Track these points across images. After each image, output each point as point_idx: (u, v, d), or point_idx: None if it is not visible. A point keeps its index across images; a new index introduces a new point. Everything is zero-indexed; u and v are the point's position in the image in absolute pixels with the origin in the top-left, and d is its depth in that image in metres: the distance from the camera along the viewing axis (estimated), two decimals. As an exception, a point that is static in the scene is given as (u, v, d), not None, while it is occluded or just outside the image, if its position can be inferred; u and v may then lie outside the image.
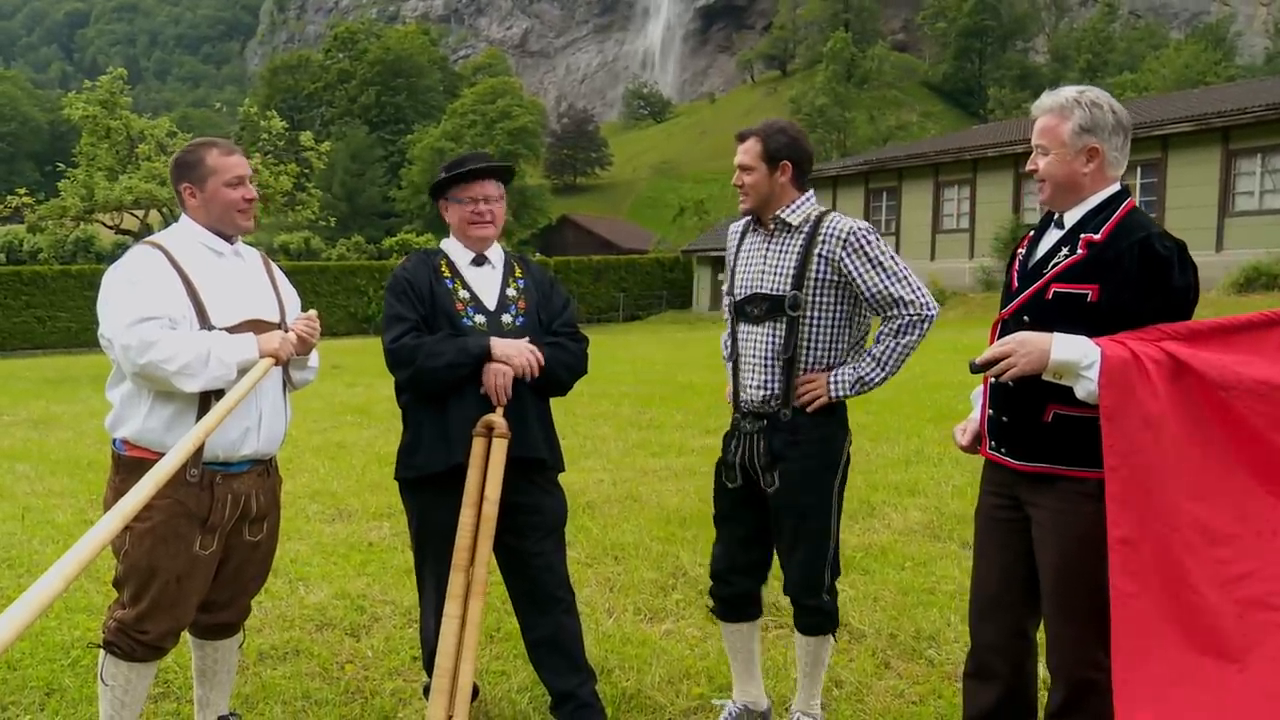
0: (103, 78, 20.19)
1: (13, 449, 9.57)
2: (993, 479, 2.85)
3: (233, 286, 3.01)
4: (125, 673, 2.97)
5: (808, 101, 76.04)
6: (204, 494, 2.90)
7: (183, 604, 2.96)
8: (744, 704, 3.47)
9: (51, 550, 5.67)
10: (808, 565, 3.24)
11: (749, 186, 3.23)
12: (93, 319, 12.33)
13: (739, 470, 3.30)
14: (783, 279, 3.19)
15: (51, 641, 4.19)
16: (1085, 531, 2.54)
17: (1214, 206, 24.35)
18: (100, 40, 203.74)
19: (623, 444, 9.17)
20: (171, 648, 3.06)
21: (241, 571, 3.14)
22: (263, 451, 3.04)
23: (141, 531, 2.86)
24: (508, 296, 3.33)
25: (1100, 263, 2.54)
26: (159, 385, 2.83)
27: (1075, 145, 2.58)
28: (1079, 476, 2.57)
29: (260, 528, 3.12)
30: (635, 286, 43.70)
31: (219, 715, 3.32)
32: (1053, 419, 2.60)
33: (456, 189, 3.32)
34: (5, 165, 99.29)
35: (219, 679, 3.30)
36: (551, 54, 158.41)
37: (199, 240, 3.03)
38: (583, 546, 5.63)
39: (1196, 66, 60.13)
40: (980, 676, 2.89)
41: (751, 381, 3.24)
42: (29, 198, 20.66)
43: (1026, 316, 2.65)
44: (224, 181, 3.00)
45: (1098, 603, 2.50)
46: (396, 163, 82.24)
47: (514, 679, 3.82)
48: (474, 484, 3.07)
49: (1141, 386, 2.36)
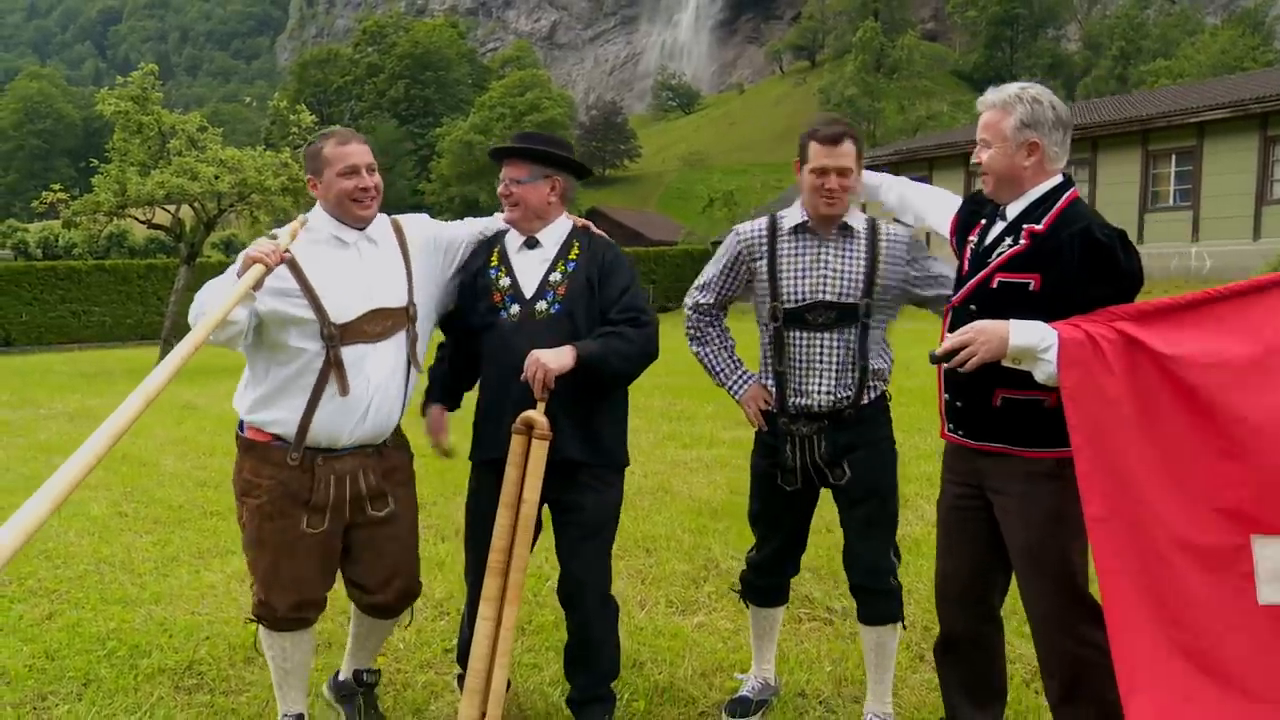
0: (134, 74, 20.31)
1: (49, 442, 9.69)
2: (954, 466, 2.95)
3: (355, 278, 3.04)
4: (279, 642, 3.15)
5: (837, 92, 75.52)
6: (305, 475, 3.00)
7: (301, 578, 3.06)
8: (763, 678, 3.57)
9: (87, 542, 5.74)
10: (879, 549, 3.26)
11: (848, 191, 3.11)
12: (126, 313, 12.57)
13: (799, 474, 3.26)
14: (853, 287, 3.13)
15: (88, 633, 4.23)
16: (1050, 509, 2.67)
17: (1251, 194, 23.91)
18: (132, 37, 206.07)
19: (653, 436, 9.15)
20: (314, 618, 3.18)
21: (382, 550, 3.17)
22: (367, 438, 3.07)
23: (252, 508, 3.03)
24: (549, 282, 3.18)
25: (1041, 253, 2.64)
26: (223, 342, 2.90)
27: (1016, 140, 2.69)
28: (1034, 457, 2.70)
29: (384, 503, 3.12)
30: (665, 278, 43.60)
31: (357, 668, 3.45)
32: (1001, 403, 2.72)
33: (502, 168, 3.25)
34: (41, 162, 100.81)
35: (369, 643, 3.43)
36: (579, 46, 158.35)
37: (328, 230, 3.08)
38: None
39: (1233, 52, 59.02)
40: (954, 655, 3.03)
41: (820, 388, 3.17)
42: (64, 194, 20.85)
43: (974, 305, 2.76)
44: (337, 171, 3.02)
45: (1073, 579, 2.66)
46: (425, 155, 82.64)
47: (546, 671, 3.81)
48: (512, 484, 2.98)
49: (1098, 365, 2.46)
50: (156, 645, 4.10)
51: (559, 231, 3.28)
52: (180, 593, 4.81)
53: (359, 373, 2.99)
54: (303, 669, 3.22)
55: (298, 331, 2.96)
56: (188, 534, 5.95)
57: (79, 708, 3.55)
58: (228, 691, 3.70)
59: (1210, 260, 23.88)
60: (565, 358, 2.97)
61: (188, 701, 3.62)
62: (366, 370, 3.01)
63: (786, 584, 3.57)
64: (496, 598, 2.98)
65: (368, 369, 3.01)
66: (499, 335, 3.16)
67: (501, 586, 2.98)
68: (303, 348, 2.96)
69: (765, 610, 3.55)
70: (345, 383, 2.97)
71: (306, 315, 2.95)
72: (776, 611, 3.58)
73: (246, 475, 3.05)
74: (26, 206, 63.58)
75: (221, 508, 6.58)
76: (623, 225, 63.76)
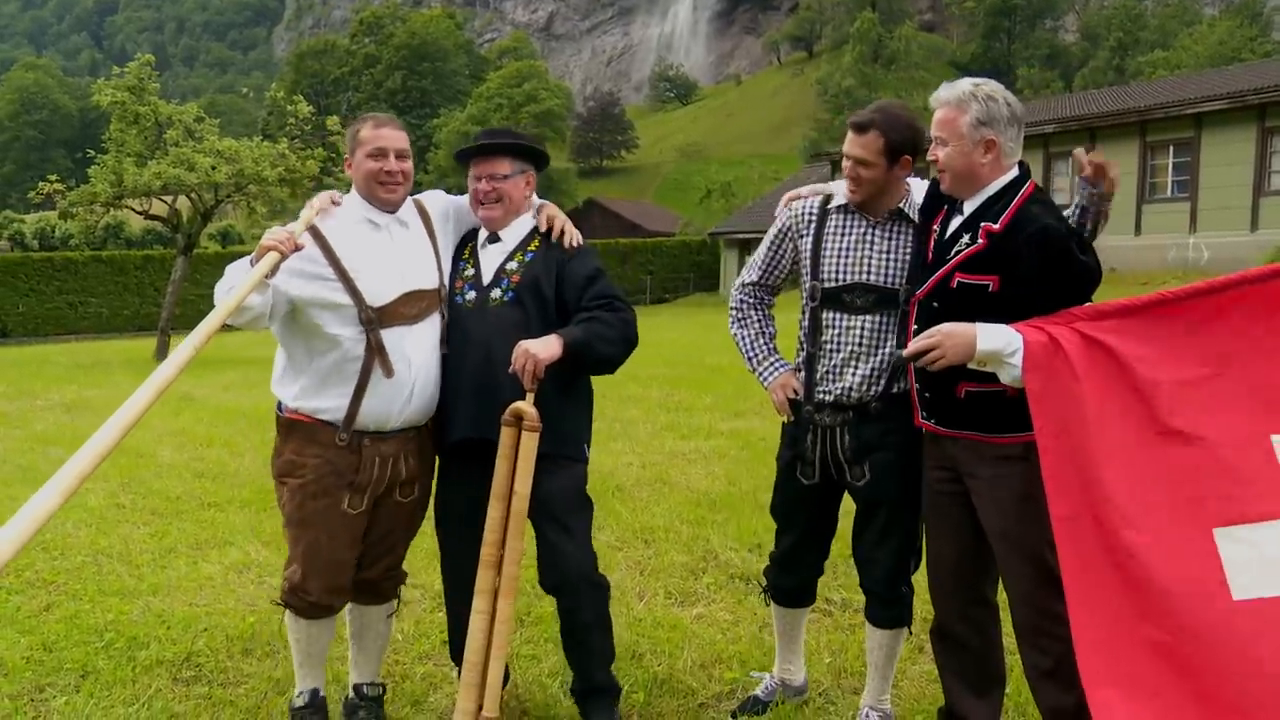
0: (131, 64, 20.25)
1: (46, 433, 9.67)
2: (932, 453, 2.99)
3: (388, 260, 3.07)
4: (305, 628, 3.22)
5: (834, 83, 75.35)
6: (352, 455, 3.04)
7: (336, 562, 3.11)
8: (781, 679, 3.51)
9: (85, 533, 5.73)
10: (896, 558, 3.19)
11: (865, 181, 3.03)
12: (123, 304, 12.49)
13: (818, 466, 3.20)
14: (898, 272, 3.06)
15: (86, 624, 4.23)
16: (1019, 491, 2.72)
17: (1249, 186, 23.89)
18: (129, 27, 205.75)
19: (651, 427, 9.15)
20: (340, 605, 3.24)
21: (389, 533, 3.23)
22: (414, 419, 3.12)
23: (295, 487, 3.06)
24: (505, 270, 3.18)
25: (999, 255, 2.70)
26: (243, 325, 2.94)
27: (973, 137, 2.73)
28: (1002, 442, 2.76)
29: (411, 489, 3.19)
30: (662, 269, 43.60)
31: (358, 682, 3.41)
32: (965, 395, 2.79)
33: (473, 165, 3.22)
34: (37, 153, 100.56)
35: (367, 644, 3.40)
36: (577, 37, 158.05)
37: (360, 213, 3.11)
38: (612, 530, 5.61)
39: (1231, 43, 58.87)
40: (949, 643, 3.05)
41: (855, 371, 3.08)
42: (60, 185, 20.81)
43: (936, 303, 2.81)
44: (366, 152, 3.07)
45: (1048, 559, 2.68)
46: (423, 147, 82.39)
47: (545, 663, 3.81)
48: (502, 476, 2.96)
49: (1062, 368, 2.52)
50: (154, 637, 4.09)
51: (523, 226, 3.27)
52: (178, 584, 4.80)
53: (400, 355, 3.02)
54: (323, 652, 3.31)
55: (334, 317, 2.99)
56: (185, 525, 5.94)
57: (77, 700, 3.54)
58: (225, 683, 3.69)
59: (1208, 251, 23.88)
60: (553, 347, 2.94)
61: (186, 693, 3.61)
62: (407, 352, 3.04)
63: (811, 584, 3.44)
64: (490, 590, 2.96)
65: (408, 350, 3.04)
66: (456, 322, 3.17)
67: (494, 579, 2.96)
68: (339, 335, 2.99)
69: (787, 610, 3.46)
70: (389, 365, 3.00)
71: (343, 300, 2.98)
72: (799, 613, 3.47)
73: (289, 456, 3.08)
74: (23, 198, 63.47)
75: (219, 499, 6.57)
76: (620, 216, 63.66)
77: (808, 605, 3.49)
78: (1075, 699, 2.67)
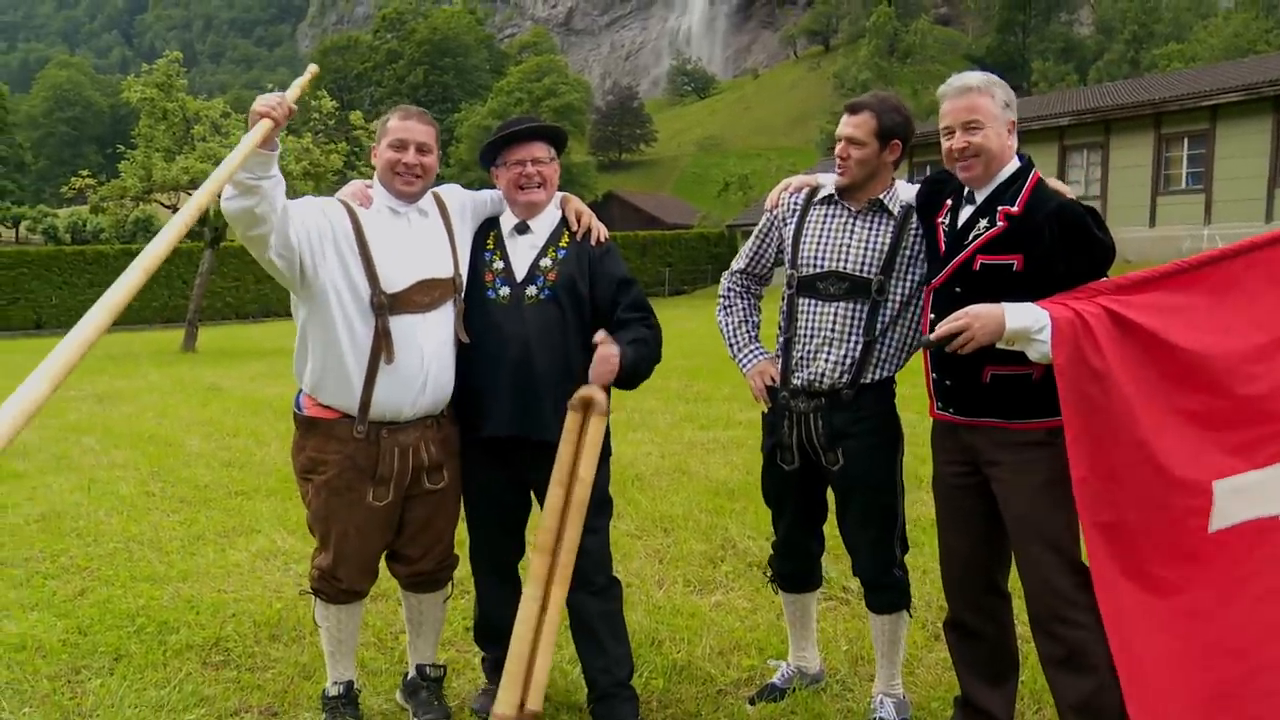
0: (159, 61, 20.47)
1: (79, 422, 9.82)
2: (945, 445, 3.01)
3: (406, 248, 3.09)
4: (335, 614, 3.25)
5: (851, 76, 74.80)
6: (371, 447, 3.05)
7: (365, 552, 3.16)
8: (797, 666, 3.56)
9: (116, 520, 5.84)
10: (879, 543, 3.23)
11: (855, 161, 3.09)
12: (152, 296, 12.60)
13: (796, 451, 3.27)
14: (872, 262, 3.11)
15: (118, 609, 4.32)
16: (1042, 476, 2.75)
17: (1264, 178, 23.68)
18: (158, 25, 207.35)
19: (670, 417, 9.20)
20: (367, 590, 3.28)
21: (430, 522, 3.25)
22: (428, 409, 3.12)
23: (319, 484, 3.08)
24: (540, 267, 3.18)
25: (1021, 233, 2.74)
26: (241, 225, 2.85)
27: (1004, 119, 2.82)
28: (1025, 428, 2.79)
29: (440, 475, 3.19)
30: (681, 261, 43.56)
31: (420, 663, 3.46)
32: (990, 379, 2.80)
33: (506, 152, 3.22)
34: (70, 148, 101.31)
35: (424, 629, 3.45)
36: (596, 31, 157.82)
37: (382, 200, 3.14)
38: (632, 518, 5.67)
39: (1246, 35, 57.93)
40: (963, 634, 3.08)
41: (825, 358, 3.14)
42: (91, 179, 21.09)
43: (958, 287, 2.83)
44: (388, 142, 3.10)
45: (1067, 546, 2.74)
46: (444, 141, 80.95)
47: (565, 650, 3.85)
48: (565, 461, 2.92)
49: (1087, 343, 2.57)
50: (184, 622, 4.18)
51: (551, 218, 3.29)
52: (207, 570, 4.89)
53: (412, 344, 3.03)
54: (353, 638, 3.34)
55: (350, 298, 2.99)
56: (213, 513, 6.04)
57: (111, 681, 3.63)
58: (253, 668, 3.76)
59: (1222, 243, 23.36)
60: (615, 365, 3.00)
61: (215, 677, 3.69)
62: (419, 341, 3.04)
63: (815, 568, 3.50)
64: (543, 577, 2.87)
65: (420, 339, 3.05)
66: (488, 316, 3.16)
67: (549, 565, 2.87)
68: (350, 322, 2.99)
69: (794, 596, 3.52)
70: (392, 351, 3.00)
71: (359, 278, 2.99)
72: (807, 598, 3.54)
73: (310, 453, 3.09)
74: (56, 192, 64.04)
75: (246, 488, 6.68)
76: (639, 209, 63.66)
77: (812, 590, 3.54)
78: (1091, 686, 2.71)
